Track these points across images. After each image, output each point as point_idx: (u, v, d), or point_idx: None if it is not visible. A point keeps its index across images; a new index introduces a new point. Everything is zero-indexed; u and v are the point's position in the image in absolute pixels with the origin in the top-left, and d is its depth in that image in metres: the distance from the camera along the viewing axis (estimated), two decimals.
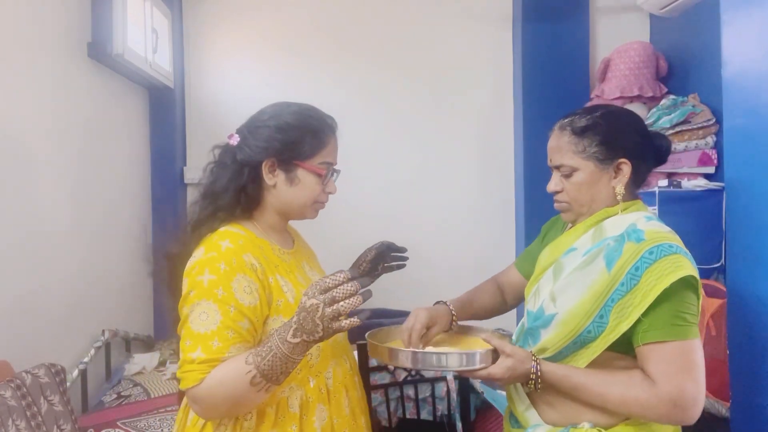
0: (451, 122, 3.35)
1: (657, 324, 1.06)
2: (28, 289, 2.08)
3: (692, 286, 1.08)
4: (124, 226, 2.90)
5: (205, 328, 1.04)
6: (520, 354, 1.13)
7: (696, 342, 1.07)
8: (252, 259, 1.11)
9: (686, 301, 1.07)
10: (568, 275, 1.17)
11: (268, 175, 1.18)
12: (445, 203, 3.34)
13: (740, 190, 1.54)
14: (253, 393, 1.01)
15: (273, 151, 1.17)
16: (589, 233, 1.19)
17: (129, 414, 2.16)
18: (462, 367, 1.14)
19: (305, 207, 1.22)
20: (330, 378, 1.21)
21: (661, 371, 1.05)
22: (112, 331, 2.61)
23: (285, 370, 1.01)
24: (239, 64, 3.32)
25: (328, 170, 1.21)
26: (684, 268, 1.06)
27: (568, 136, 1.20)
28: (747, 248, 1.51)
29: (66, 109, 2.37)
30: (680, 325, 1.06)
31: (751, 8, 1.49)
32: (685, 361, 1.05)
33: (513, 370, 1.12)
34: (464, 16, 3.34)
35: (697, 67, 2.83)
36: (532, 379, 1.12)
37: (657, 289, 1.05)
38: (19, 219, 2.04)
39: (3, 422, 1.61)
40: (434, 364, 1.16)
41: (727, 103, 1.57)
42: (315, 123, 1.21)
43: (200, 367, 1.02)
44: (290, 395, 1.14)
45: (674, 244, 1.09)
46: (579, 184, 1.19)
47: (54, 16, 2.31)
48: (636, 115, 1.26)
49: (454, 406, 2.19)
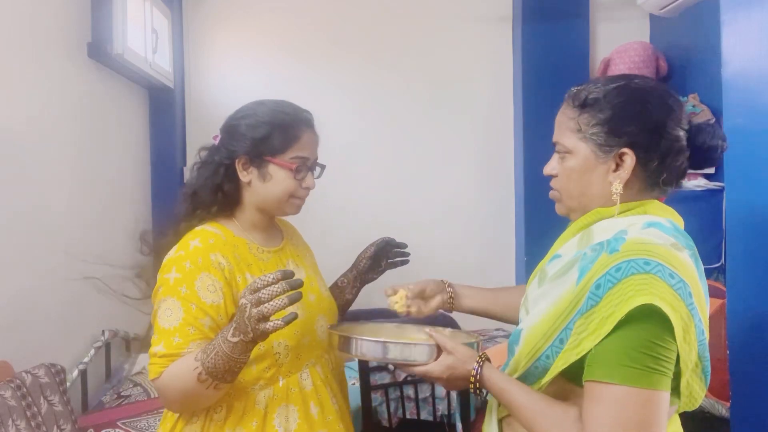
0: (451, 122, 3.35)
1: (605, 360, 0.84)
2: (29, 289, 2.08)
3: (664, 318, 0.81)
4: (124, 225, 2.90)
5: (169, 323, 1.08)
6: (463, 353, 1.02)
7: (655, 395, 0.82)
8: (220, 258, 1.13)
9: (650, 337, 0.82)
10: (544, 285, 1.00)
11: (243, 173, 1.20)
12: (445, 203, 3.34)
13: (740, 190, 1.54)
14: (203, 389, 1.02)
15: (244, 148, 1.18)
16: (576, 238, 0.99)
17: (129, 414, 2.16)
18: (398, 359, 1.07)
19: (281, 202, 1.21)
20: (307, 378, 1.21)
21: (594, 417, 0.84)
22: (112, 331, 2.61)
23: (230, 369, 1.01)
24: (239, 64, 3.32)
25: (301, 165, 1.20)
26: (650, 293, 0.81)
27: (569, 109, 0.99)
28: (747, 248, 1.51)
29: (66, 109, 2.37)
30: (634, 368, 0.81)
31: (751, 8, 1.49)
32: (628, 415, 0.81)
33: (453, 369, 1.01)
34: (464, 17, 3.34)
35: (697, 67, 2.83)
36: (471, 383, 1.00)
37: (614, 318, 0.83)
38: (19, 218, 2.04)
39: (3, 422, 1.61)
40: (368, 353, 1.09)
41: (727, 103, 1.57)
42: (286, 118, 1.20)
43: (161, 361, 1.06)
44: (259, 392, 1.16)
45: (654, 260, 0.84)
46: (570, 169, 0.98)
47: (54, 16, 2.31)
48: (668, 96, 0.96)
49: (454, 406, 2.19)
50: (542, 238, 1.54)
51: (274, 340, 1.14)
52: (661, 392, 0.82)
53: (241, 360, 1.01)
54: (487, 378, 0.99)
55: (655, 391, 0.82)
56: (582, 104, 0.97)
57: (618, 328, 0.83)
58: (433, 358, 1.04)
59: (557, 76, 3.07)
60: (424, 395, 2.25)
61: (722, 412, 1.95)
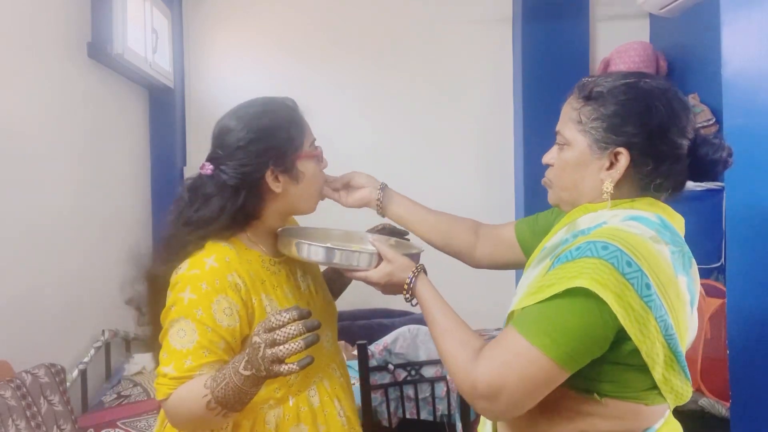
0: (451, 122, 3.35)
1: (528, 314, 0.87)
2: (28, 289, 2.08)
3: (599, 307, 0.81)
4: (124, 225, 2.90)
5: (182, 345, 1.04)
6: (401, 262, 1.06)
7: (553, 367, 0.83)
8: (236, 279, 1.08)
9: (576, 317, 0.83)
10: (526, 274, 1.02)
11: (275, 184, 1.12)
12: (445, 203, 3.29)
13: (740, 190, 1.54)
14: (211, 416, 0.99)
15: (271, 159, 1.11)
16: (562, 230, 1.00)
17: (129, 414, 2.16)
18: (340, 264, 1.10)
19: (315, 197, 1.20)
20: (315, 395, 1.19)
21: (491, 351, 0.88)
22: (112, 331, 2.61)
23: (240, 400, 0.98)
24: (239, 64, 3.32)
25: (317, 146, 1.19)
26: (589, 277, 0.81)
27: (575, 100, 0.98)
28: (747, 248, 1.51)
29: (66, 109, 2.37)
30: (546, 334, 0.83)
31: (751, 8, 1.49)
32: (520, 367, 0.84)
33: (390, 275, 1.06)
34: (464, 17, 3.34)
35: (697, 67, 2.83)
36: (405, 290, 1.05)
37: (553, 289, 0.84)
38: (18, 219, 2.04)
39: (3, 422, 1.61)
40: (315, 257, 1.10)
41: (727, 103, 1.57)
42: (284, 113, 1.16)
43: (170, 383, 1.03)
44: (268, 411, 1.13)
45: (613, 245, 0.83)
46: (565, 161, 0.97)
47: (54, 16, 2.31)
48: (678, 102, 0.93)
49: (454, 406, 2.19)
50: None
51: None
52: (558, 367, 0.83)
53: (252, 392, 0.98)
54: (418, 288, 1.04)
55: (555, 364, 0.83)
56: (587, 96, 0.95)
57: (557, 298, 0.84)
58: (374, 266, 1.08)
59: (557, 76, 3.06)
60: (424, 395, 2.25)
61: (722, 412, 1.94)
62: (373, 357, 2.25)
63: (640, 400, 0.90)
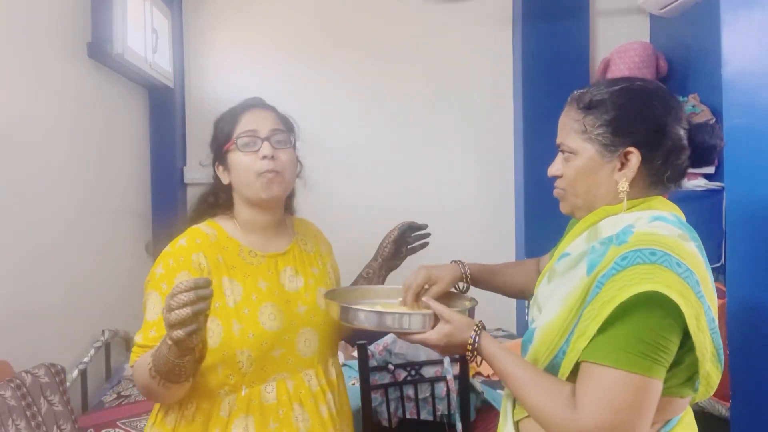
0: (451, 122, 3.35)
1: (605, 343, 0.86)
2: (29, 289, 2.08)
3: (665, 308, 0.84)
4: (124, 225, 2.90)
5: (150, 316, 1.14)
6: (461, 321, 1.04)
7: (648, 382, 0.84)
8: (201, 259, 1.17)
9: (650, 326, 0.84)
10: (553, 283, 1.02)
11: (222, 175, 1.26)
12: (445, 203, 3.34)
13: (740, 190, 1.54)
14: (155, 385, 1.03)
15: (213, 154, 1.28)
16: (584, 235, 1.01)
17: (129, 414, 2.16)
18: (396, 328, 1.07)
19: (251, 184, 1.21)
20: (271, 392, 1.19)
21: (587, 397, 0.85)
22: (112, 331, 2.61)
23: (171, 371, 0.98)
24: (239, 65, 3.32)
25: (248, 139, 1.21)
26: (654, 281, 0.83)
27: (573, 112, 1.02)
28: (747, 248, 1.51)
29: (66, 108, 2.37)
30: (632, 354, 0.83)
31: (751, 8, 1.49)
32: (622, 398, 0.83)
33: (450, 337, 1.03)
34: (464, 17, 3.34)
35: (697, 67, 2.83)
36: (468, 350, 1.02)
37: (614, 302, 0.84)
38: (18, 218, 2.04)
39: (3, 422, 1.61)
40: (366, 323, 1.08)
41: (727, 103, 1.57)
42: (228, 111, 1.28)
43: (137, 350, 1.12)
44: (224, 398, 1.17)
45: (661, 251, 0.86)
46: (576, 169, 1.00)
47: (54, 16, 2.31)
48: (669, 97, 1.00)
49: (454, 406, 2.19)
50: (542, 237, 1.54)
51: (237, 349, 1.15)
52: (654, 380, 0.84)
53: (179, 364, 0.97)
54: (484, 346, 1.02)
55: (649, 378, 0.84)
56: (587, 106, 0.99)
57: (621, 315, 0.85)
58: (430, 326, 1.06)
59: (557, 76, 3.06)
60: (424, 395, 2.25)
61: (722, 412, 1.95)
62: (373, 357, 2.25)
63: (674, 394, 0.93)
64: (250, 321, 1.17)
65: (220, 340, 1.14)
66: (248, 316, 1.17)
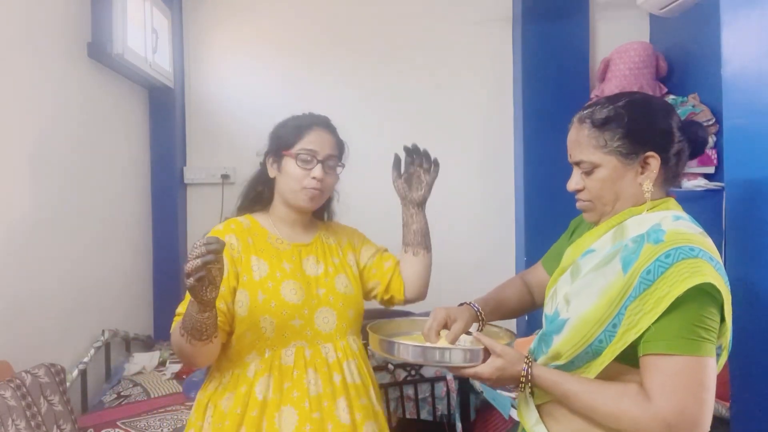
0: (451, 122, 3.35)
1: (664, 334, 0.95)
2: (28, 289, 2.08)
3: (711, 295, 0.96)
4: (124, 226, 2.90)
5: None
6: (511, 355, 1.10)
7: (708, 361, 0.95)
8: (233, 240, 1.35)
9: (702, 312, 0.96)
10: (584, 277, 1.09)
11: (270, 168, 1.43)
12: (445, 203, 3.33)
13: (740, 190, 1.54)
14: (183, 343, 1.18)
15: (269, 147, 1.44)
16: (609, 234, 1.10)
17: (129, 414, 2.16)
18: (448, 363, 1.12)
19: (294, 192, 1.38)
20: (290, 355, 1.33)
21: (659, 386, 0.95)
22: (112, 331, 2.61)
23: (194, 326, 1.15)
24: (239, 64, 3.32)
25: (307, 155, 1.37)
26: (703, 274, 0.95)
27: (587, 130, 1.11)
28: (747, 248, 1.51)
29: (66, 109, 2.37)
30: (691, 339, 0.94)
31: (751, 8, 1.49)
32: (691, 380, 0.94)
33: (502, 370, 1.09)
34: (464, 17, 3.34)
35: (697, 67, 2.83)
36: (522, 382, 1.08)
37: (671, 296, 0.94)
38: (18, 218, 2.04)
39: (3, 422, 1.61)
40: (419, 358, 1.14)
41: (727, 103, 1.57)
42: (297, 120, 1.43)
43: (176, 318, 1.27)
44: (251, 362, 1.33)
45: (697, 247, 0.98)
46: (602, 180, 1.10)
47: (54, 16, 2.31)
48: (665, 102, 1.14)
49: (453, 406, 2.19)
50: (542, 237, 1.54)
51: (260, 315, 1.31)
52: (711, 359, 0.97)
53: (200, 319, 1.14)
54: (537, 376, 1.08)
55: (708, 357, 0.96)
56: (602, 123, 1.09)
57: (675, 307, 0.95)
58: (480, 360, 1.11)
59: (557, 76, 3.06)
60: (424, 395, 2.25)
61: (722, 412, 1.94)
62: (373, 357, 2.25)
63: None
64: (273, 293, 1.32)
65: (247, 309, 1.31)
66: (271, 289, 1.33)
